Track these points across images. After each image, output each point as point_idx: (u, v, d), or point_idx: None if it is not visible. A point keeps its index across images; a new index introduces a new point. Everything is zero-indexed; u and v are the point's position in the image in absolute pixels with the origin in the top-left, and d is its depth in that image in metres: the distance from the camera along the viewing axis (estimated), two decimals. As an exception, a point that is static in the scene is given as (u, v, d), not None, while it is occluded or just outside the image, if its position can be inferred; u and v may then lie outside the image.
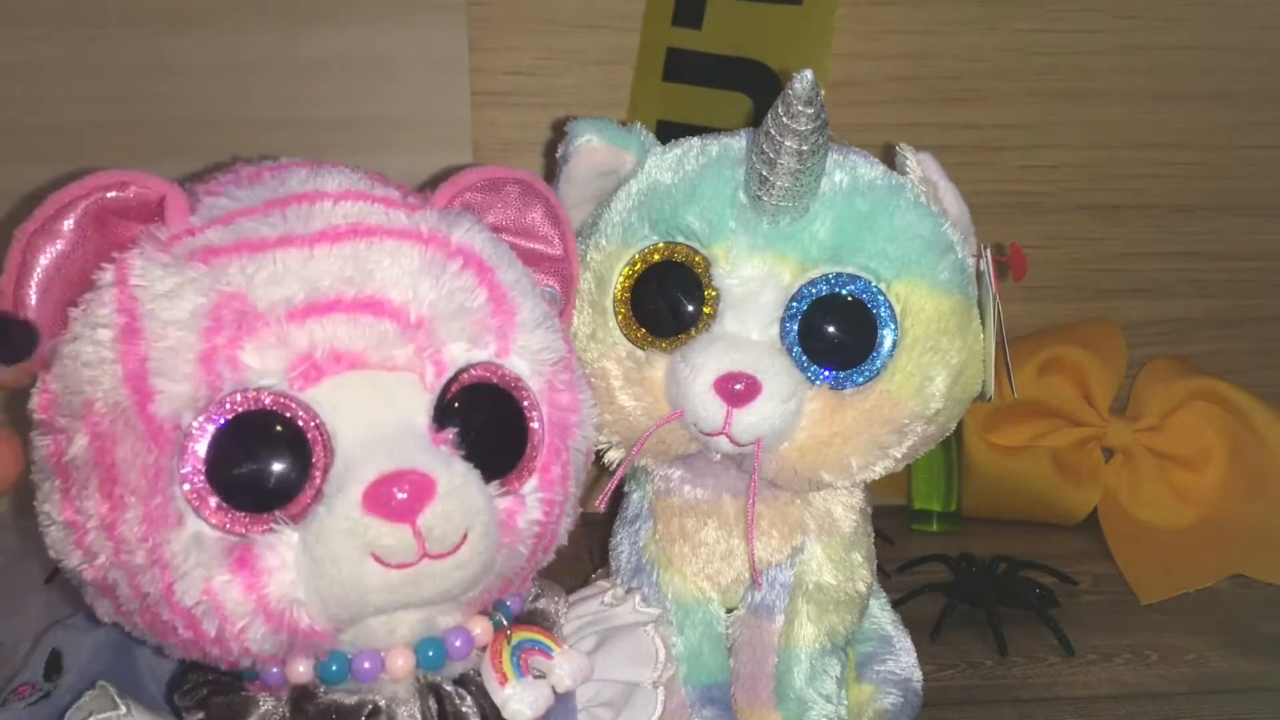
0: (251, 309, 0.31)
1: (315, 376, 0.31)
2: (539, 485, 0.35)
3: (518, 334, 0.35)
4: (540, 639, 0.37)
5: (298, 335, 0.31)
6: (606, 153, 0.47)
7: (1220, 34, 0.87)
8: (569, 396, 0.37)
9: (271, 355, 0.31)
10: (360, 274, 0.32)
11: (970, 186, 0.48)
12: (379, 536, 0.30)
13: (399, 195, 0.36)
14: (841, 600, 0.47)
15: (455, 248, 0.34)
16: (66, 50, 0.77)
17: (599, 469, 0.90)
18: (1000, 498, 0.82)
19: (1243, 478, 0.79)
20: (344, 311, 0.31)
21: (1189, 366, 0.84)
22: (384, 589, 0.31)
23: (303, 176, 0.34)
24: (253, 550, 0.31)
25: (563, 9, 0.82)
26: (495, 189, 0.39)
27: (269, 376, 0.31)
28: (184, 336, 0.30)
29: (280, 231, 0.32)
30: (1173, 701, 0.54)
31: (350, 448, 0.31)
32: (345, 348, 0.31)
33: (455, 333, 0.33)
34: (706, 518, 0.47)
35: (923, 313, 0.43)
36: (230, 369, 0.30)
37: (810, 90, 0.38)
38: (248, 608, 0.31)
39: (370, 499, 0.30)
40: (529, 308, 0.36)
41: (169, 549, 0.30)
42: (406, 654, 0.34)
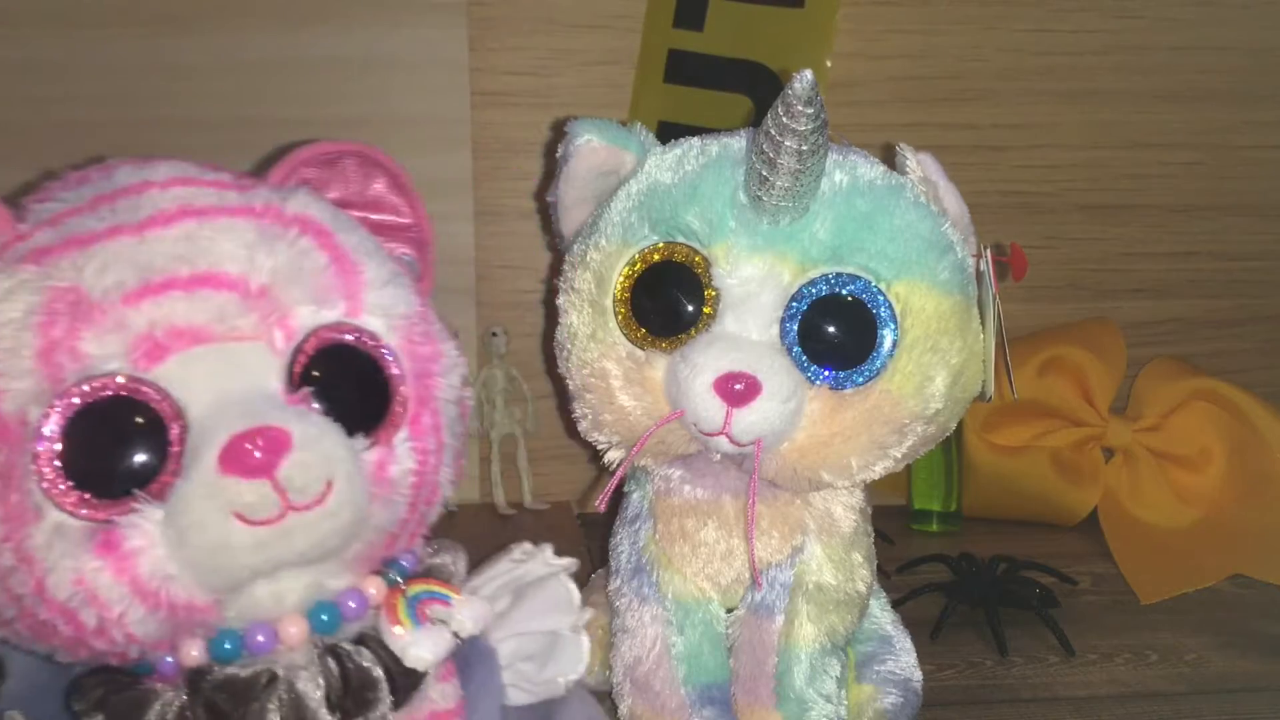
0: (85, 298, 0.31)
1: (159, 355, 0.31)
2: (409, 435, 0.35)
3: (366, 292, 0.35)
4: (437, 589, 0.37)
5: (134, 317, 0.31)
6: (607, 153, 0.47)
7: (1220, 34, 0.87)
8: (429, 348, 0.37)
9: (110, 340, 0.31)
10: (193, 251, 0.32)
11: (970, 186, 0.48)
12: (239, 494, 0.30)
13: (230, 178, 0.36)
14: (841, 600, 0.47)
15: (291, 217, 0.35)
16: (66, 50, 0.77)
17: (599, 469, 0.91)
18: (1000, 498, 0.82)
19: (1243, 478, 0.79)
20: (180, 289, 0.32)
21: (1189, 366, 0.85)
22: (253, 547, 0.31)
23: (129, 171, 0.35)
24: (116, 532, 0.31)
25: (563, 9, 0.82)
26: (332, 164, 0.39)
27: (111, 361, 0.31)
28: (20, 335, 0.31)
29: (109, 223, 0.32)
30: (1173, 701, 0.54)
31: (203, 417, 0.31)
32: (186, 323, 0.32)
33: (299, 296, 0.34)
34: (706, 518, 0.48)
35: (923, 313, 0.43)
36: (70, 359, 0.31)
37: (810, 90, 0.38)
38: (122, 591, 0.31)
39: (225, 459, 0.30)
40: (375, 266, 0.36)
41: (32, 543, 0.30)
42: (299, 620, 0.34)
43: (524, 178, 0.83)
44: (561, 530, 0.78)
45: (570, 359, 0.47)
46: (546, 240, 0.84)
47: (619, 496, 0.51)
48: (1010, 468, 0.81)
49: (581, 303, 0.46)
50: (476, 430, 0.83)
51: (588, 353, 0.46)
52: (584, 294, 0.46)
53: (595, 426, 0.47)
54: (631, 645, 0.48)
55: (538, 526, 0.79)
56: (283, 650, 0.34)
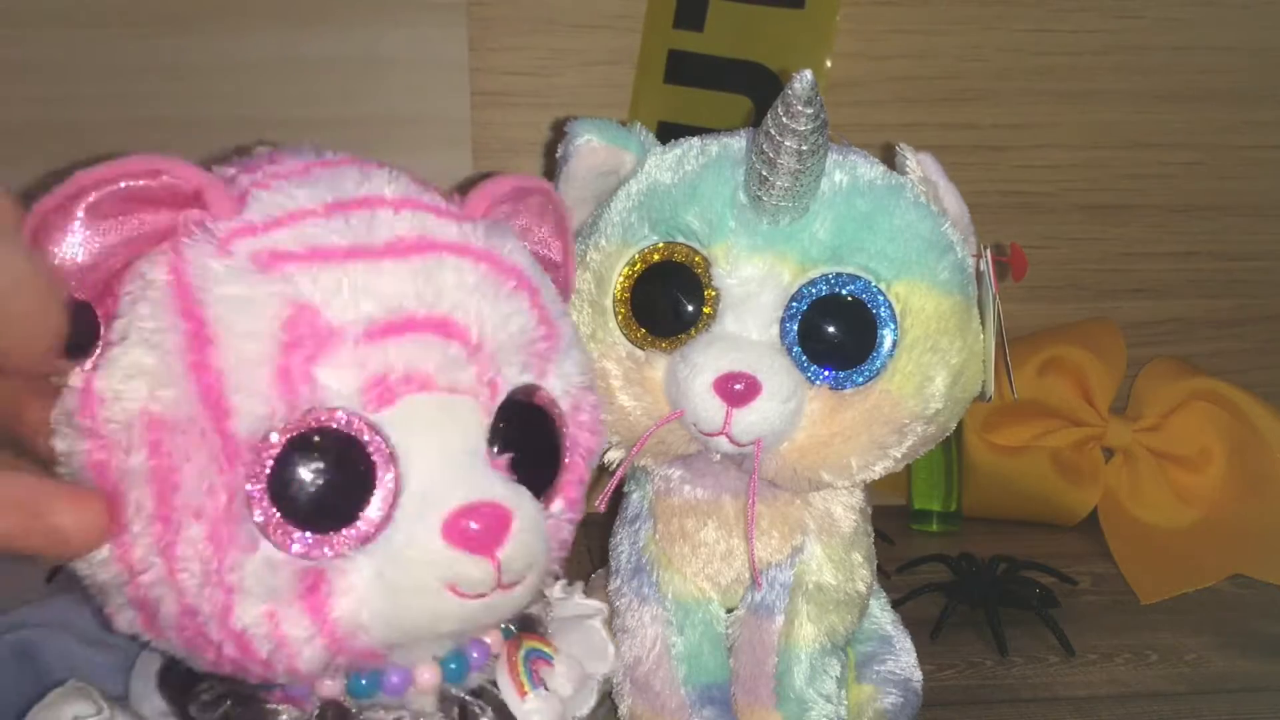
0: (327, 325, 0.29)
1: (389, 399, 0.30)
2: (565, 506, 0.35)
3: (557, 358, 0.35)
4: (543, 648, 0.38)
5: (373, 355, 0.30)
6: (606, 152, 0.47)
7: (1220, 34, 0.87)
8: (590, 418, 0.37)
9: (348, 375, 0.30)
10: (430, 291, 0.31)
11: (970, 186, 0.47)
12: (463, 569, 0.30)
13: (443, 202, 0.34)
14: (841, 600, 0.47)
15: (507, 266, 0.34)
16: (66, 50, 0.77)
17: (599, 469, 0.90)
18: (1000, 498, 0.82)
19: (1243, 478, 0.79)
20: (415, 331, 0.30)
21: (1189, 366, 0.85)
22: (458, 618, 0.31)
23: (356, 178, 0.33)
24: (324, 575, 0.30)
25: (563, 9, 0.82)
26: (520, 199, 0.38)
27: (343, 397, 0.30)
28: (262, 349, 0.29)
29: (349, 240, 0.31)
30: (1173, 701, 0.54)
31: (422, 473, 0.31)
32: (417, 370, 0.30)
33: (511, 357, 0.33)
34: (706, 518, 0.47)
35: (923, 313, 0.43)
36: (308, 387, 0.29)
37: (810, 90, 0.38)
38: (309, 631, 0.30)
39: (450, 530, 0.30)
40: (568, 330, 0.36)
41: (237, 574, 0.29)
42: (433, 668, 0.34)
43: (524, 178, 0.83)
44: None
45: (570, 359, 0.47)
46: (546, 240, 0.84)
47: (619, 496, 0.51)
48: (1010, 468, 0.81)
49: (581, 303, 0.46)
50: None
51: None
52: (584, 294, 0.46)
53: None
54: (631, 645, 0.48)
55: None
56: (413, 695, 0.34)
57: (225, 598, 0.29)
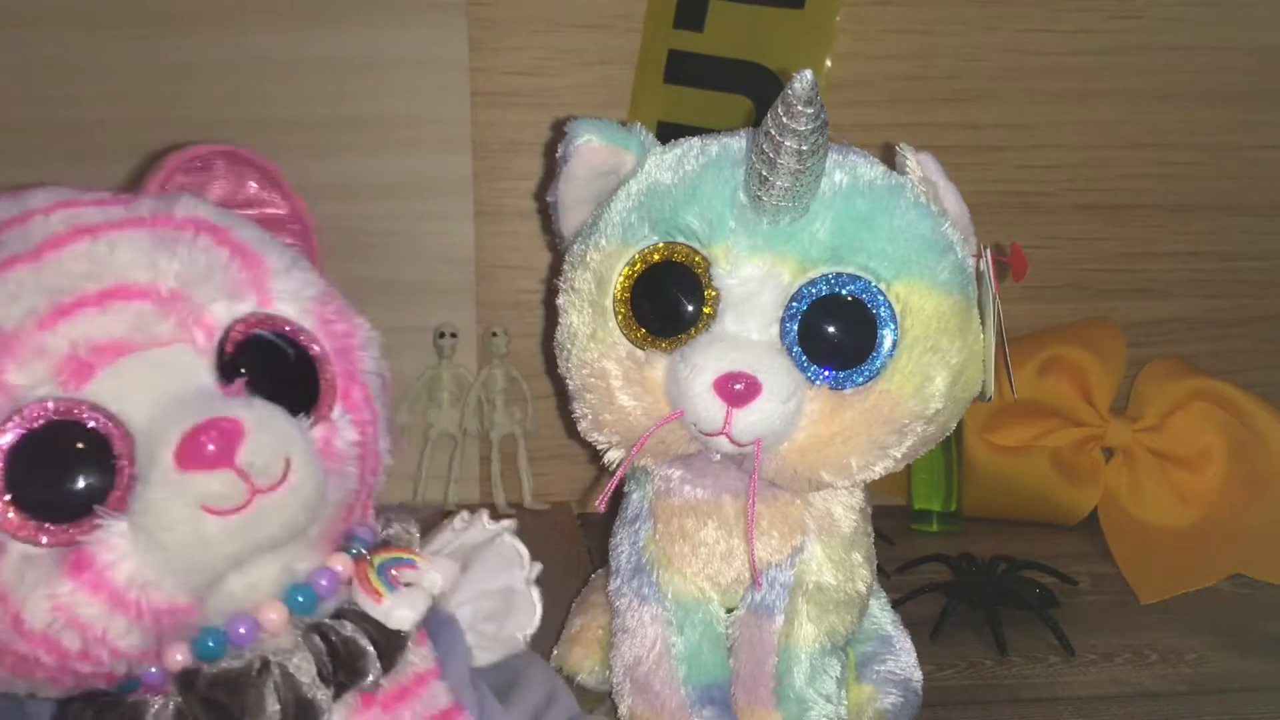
0: (0, 332, 0.31)
1: (87, 373, 0.31)
2: (344, 409, 0.36)
3: (272, 280, 0.36)
4: (401, 555, 0.38)
5: (52, 340, 0.31)
6: (606, 152, 0.47)
7: (1220, 34, 0.87)
8: (343, 325, 0.37)
9: (35, 367, 0.31)
10: (97, 267, 0.32)
11: (970, 186, 0.48)
12: (205, 486, 0.31)
13: (110, 195, 0.36)
14: (841, 600, 0.47)
15: (182, 219, 0.35)
16: (66, 50, 0.77)
17: (599, 469, 0.90)
18: (1000, 498, 0.82)
19: (1243, 478, 0.79)
20: (93, 305, 0.32)
21: (1189, 366, 0.85)
22: (228, 536, 0.31)
23: (6, 203, 0.34)
24: (85, 551, 0.30)
25: (563, 9, 0.82)
26: (205, 168, 0.39)
27: (40, 387, 0.31)
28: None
29: (3, 255, 0.32)
30: (1173, 701, 0.54)
31: (147, 424, 0.32)
32: (106, 337, 0.32)
33: (211, 294, 0.34)
34: (706, 518, 0.47)
35: (922, 312, 0.43)
36: (3, 394, 0.30)
37: (810, 90, 0.38)
38: (101, 608, 0.30)
39: (183, 456, 0.31)
40: (275, 255, 0.37)
41: (2, 579, 0.30)
42: (278, 606, 0.34)
43: (524, 178, 0.84)
44: (561, 530, 0.78)
45: (570, 359, 0.47)
46: (546, 240, 0.84)
47: (619, 496, 0.51)
48: (1010, 468, 0.81)
49: (581, 303, 0.46)
50: (476, 430, 0.83)
51: (588, 353, 0.46)
52: (584, 294, 0.46)
53: (595, 426, 0.47)
54: (631, 645, 0.48)
55: (538, 526, 0.79)
56: (267, 638, 0.35)
57: (9, 607, 0.30)
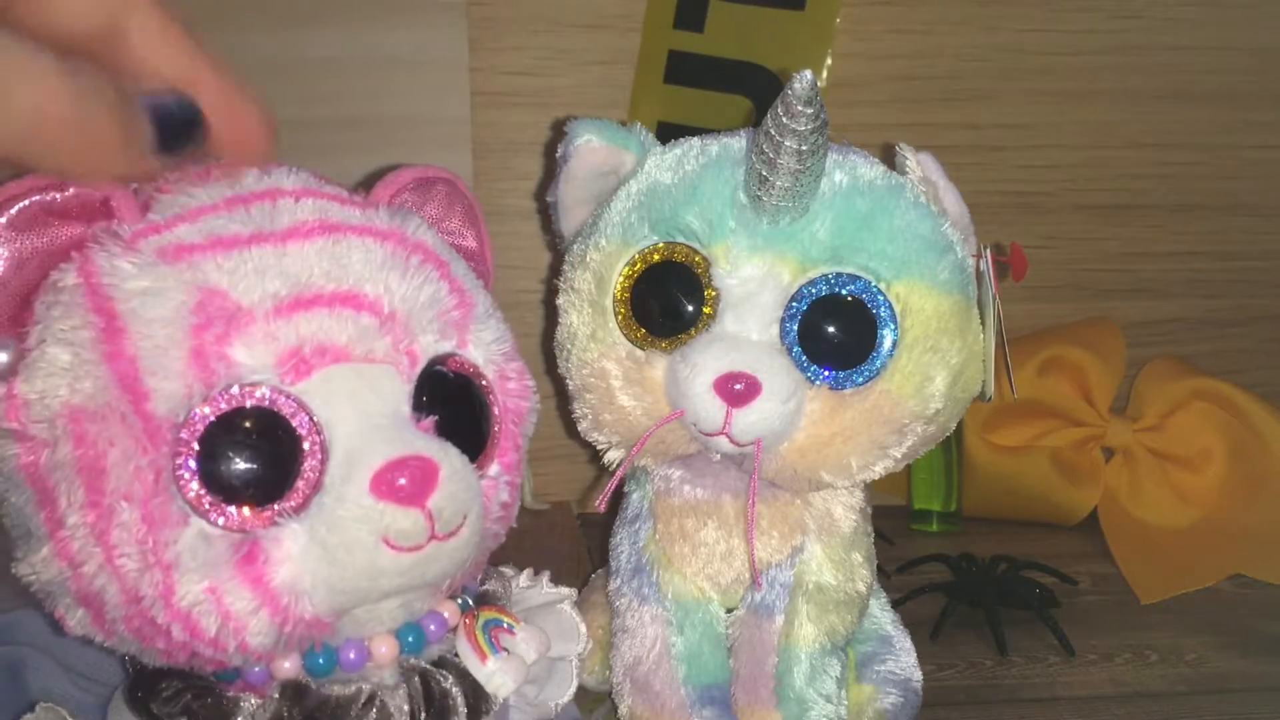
0: (236, 305, 0.31)
1: (305, 370, 0.31)
2: (502, 469, 0.36)
3: (474, 326, 0.36)
4: (502, 617, 0.38)
5: (285, 330, 0.31)
6: (606, 152, 0.47)
7: (1220, 34, 0.87)
8: (518, 384, 0.38)
9: (261, 350, 0.31)
10: (337, 268, 0.32)
11: (970, 186, 0.48)
12: (394, 521, 0.31)
13: (344, 193, 0.36)
14: (841, 600, 0.47)
15: (413, 243, 0.35)
16: (67, 50, 0.77)
17: (599, 469, 0.90)
18: (1000, 498, 0.82)
19: (1243, 478, 0.79)
20: (325, 306, 0.32)
21: (1189, 366, 0.85)
22: (396, 572, 0.32)
23: (256, 175, 0.34)
24: (259, 545, 0.31)
25: (563, 9, 0.82)
26: (426, 188, 0.40)
27: (260, 372, 0.31)
28: (172, 333, 0.30)
29: (251, 228, 0.32)
30: (1173, 701, 0.54)
31: (347, 438, 0.32)
32: (330, 341, 0.32)
33: (425, 325, 0.34)
34: (706, 518, 0.48)
35: (922, 313, 0.43)
36: (223, 365, 0.30)
37: (810, 90, 0.38)
38: (252, 603, 0.30)
39: (379, 485, 0.31)
40: (481, 300, 0.37)
41: (173, 550, 0.30)
42: (389, 640, 0.35)
43: (524, 178, 0.83)
44: (561, 530, 0.78)
45: (570, 359, 0.47)
46: (546, 240, 0.84)
47: (619, 496, 0.51)
48: (1010, 468, 0.81)
49: (581, 303, 0.46)
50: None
51: (588, 353, 0.46)
52: (584, 294, 0.46)
53: (595, 426, 0.47)
54: (631, 645, 0.48)
55: (538, 526, 0.79)
56: (371, 668, 0.35)
57: (165, 577, 0.30)
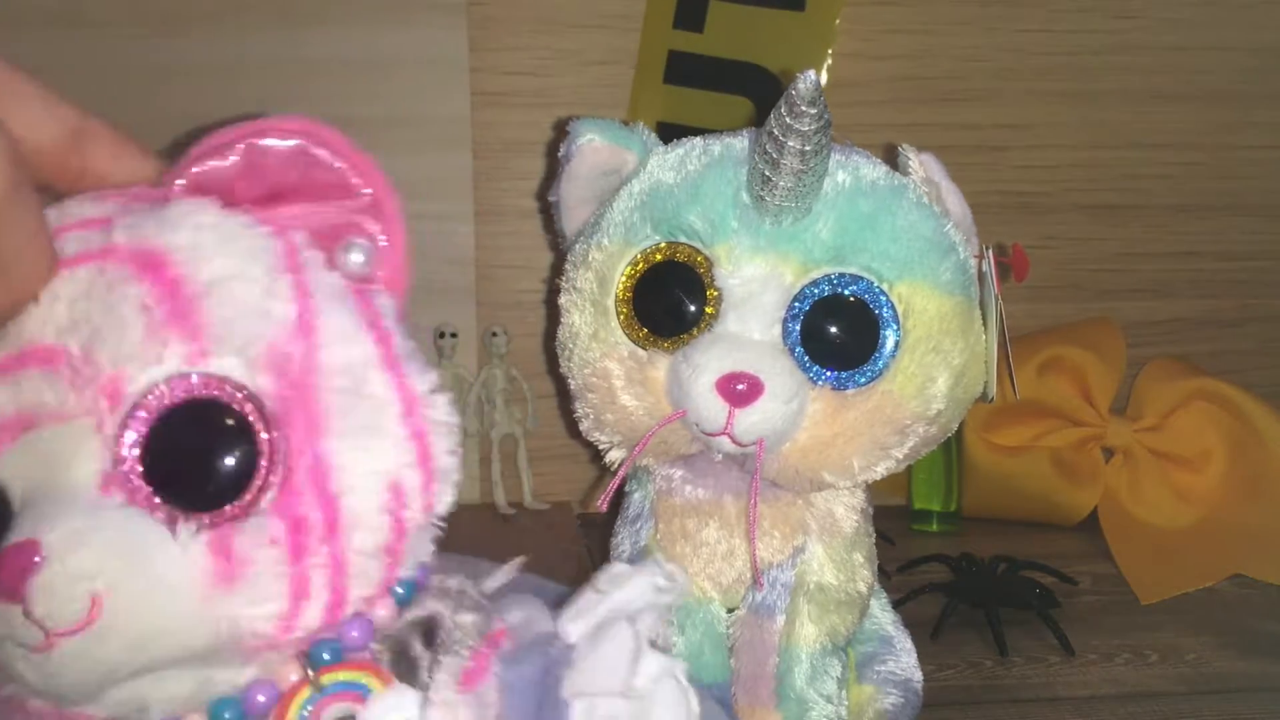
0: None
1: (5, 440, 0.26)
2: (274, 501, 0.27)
3: (209, 330, 0.27)
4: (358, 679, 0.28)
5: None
6: (609, 152, 0.47)
7: (1220, 34, 0.87)
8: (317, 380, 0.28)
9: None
10: (18, 325, 0.27)
11: (970, 186, 0.47)
12: (6, 623, 0.25)
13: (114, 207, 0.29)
14: (843, 600, 0.47)
15: (131, 252, 0.27)
16: (66, 50, 0.77)
17: (600, 469, 0.90)
18: (1000, 498, 0.82)
19: (1243, 478, 0.79)
20: (7, 372, 0.26)
21: (1189, 366, 0.85)
22: (38, 675, 0.25)
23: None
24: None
25: (563, 9, 0.82)
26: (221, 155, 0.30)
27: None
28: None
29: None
30: (1173, 701, 0.55)
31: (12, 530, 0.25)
32: (9, 413, 0.26)
33: (120, 352, 0.26)
34: (708, 518, 0.47)
35: (925, 313, 0.43)
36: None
37: (813, 90, 0.38)
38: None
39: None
40: (229, 297, 0.27)
41: None
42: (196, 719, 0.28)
43: (524, 178, 0.83)
44: (561, 530, 0.78)
45: (572, 359, 0.47)
46: (547, 240, 0.84)
47: (620, 496, 0.51)
48: (1010, 468, 0.81)
49: (583, 302, 0.46)
50: (476, 430, 0.83)
51: (590, 352, 0.46)
52: (586, 294, 0.46)
53: (597, 426, 0.47)
54: (633, 645, 0.48)
55: (538, 526, 0.79)
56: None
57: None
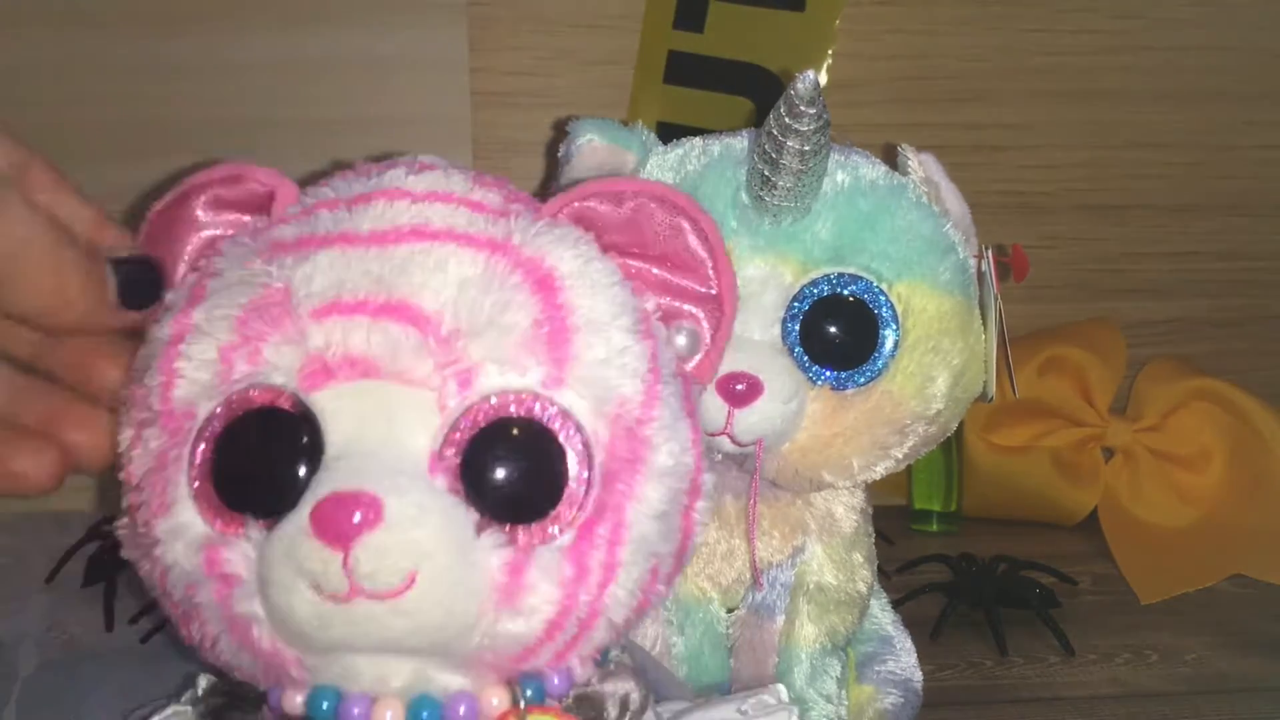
0: (282, 304, 0.29)
1: (323, 379, 0.28)
2: (569, 543, 0.29)
3: (575, 363, 0.29)
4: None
5: (315, 332, 0.28)
6: (608, 152, 0.47)
7: (1220, 34, 0.87)
8: (637, 448, 0.30)
9: (287, 351, 0.28)
10: (397, 275, 0.29)
11: (970, 186, 0.47)
12: (307, 557, 0.26)
13: (501, 200, 0.32)
14: (842, 600, 0.47)
15: (524, 258, 0.30)
16: (66, 50, 0.77)
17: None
18: (1000, 498, 0.82)
19: (1243, 478, 0.79)
20: (368, 314, 0.28)
21: (1189, 366, 0.85)
22: (314, 619, 0.27)
23: (399, 174, 0.32)
24: (220, 552, 0.28)
25: (563, 9, 0.82)
26: (618, 203, 0.33)
27: (281, 373, 0.28)
28: (221, 327, 0.29)
29: (341, 228, 0.30)
30: (1173, 701, 0.54)
31: (331, 460, 0.28)
32: (360, 352, 0.28)
33: (487, 350, 0.29)
34: (707, 518, 0.47)
35: (924, 313, 0.43)
36: (246, 361, 0.29)
37: (813, 90, 0.38)
38: (217, 614, 0.28)
39: (317, 518, 0.27)
40: (601, 340, 0.30)
41: (157, 531, 0.29)
42: (396, 707, 0.30)
43: (524, 178, 0.83)
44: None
45: (571, 359, 0.47)
46: (547, 240, 0.84)
47: (620, 497, 0.51)
48: (1010, 468, 0.81)
49: (582, 303, 0.46)
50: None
51: (589, 353, 0.46)
52: (585, 294, 0.46)
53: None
54: (632, 645, 0.48)
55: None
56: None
57: (156, 564, 0.29)
